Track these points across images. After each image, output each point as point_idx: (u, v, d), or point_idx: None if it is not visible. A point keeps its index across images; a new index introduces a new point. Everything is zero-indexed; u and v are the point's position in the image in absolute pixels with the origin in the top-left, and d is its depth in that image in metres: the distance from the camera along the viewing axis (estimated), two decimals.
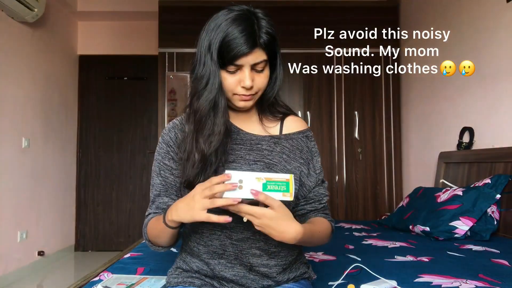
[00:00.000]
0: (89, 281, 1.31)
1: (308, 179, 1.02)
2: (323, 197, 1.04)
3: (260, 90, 0.96)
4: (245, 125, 1.03)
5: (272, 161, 0.97)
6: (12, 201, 3.10)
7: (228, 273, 0.95)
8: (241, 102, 0.96)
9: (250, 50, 0.89)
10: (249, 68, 0.91)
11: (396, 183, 3.49)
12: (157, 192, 1.00)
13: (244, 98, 0.95)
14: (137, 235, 4.19)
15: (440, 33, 2.96)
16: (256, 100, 0.99)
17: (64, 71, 4.00)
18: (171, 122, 1.05)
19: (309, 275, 1.06)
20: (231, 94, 0.95)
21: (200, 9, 3.44)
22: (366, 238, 2.05)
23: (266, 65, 0.94)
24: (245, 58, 0.90)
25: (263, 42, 0.90)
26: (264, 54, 0.92)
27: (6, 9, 2.93)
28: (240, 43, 0.88)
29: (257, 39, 0.89)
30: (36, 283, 3.09)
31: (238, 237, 0.94)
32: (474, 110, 2.55)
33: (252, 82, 0.92)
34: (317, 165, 1.04)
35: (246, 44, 0.88)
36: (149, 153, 4.27)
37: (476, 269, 1.37)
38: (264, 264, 0.95)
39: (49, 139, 3.66)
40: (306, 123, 1.09)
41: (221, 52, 0.90)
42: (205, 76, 0.93)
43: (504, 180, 2.03)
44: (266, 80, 0.96)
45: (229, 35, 0.89)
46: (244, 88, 0.92)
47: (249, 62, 0.90)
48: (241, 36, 0.88)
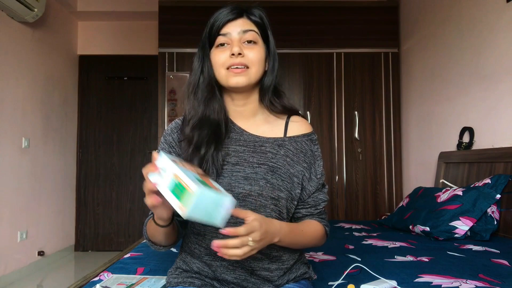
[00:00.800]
0: (89, 281, 1.31)
1: (309, 184, 1.01)
2: (320, 203, 1.03)
3: (253, 65, 0.94)
4: (249, 126, 1.02)
5: (276, 165, 0.96)
6: (12, 201, 3.10)
7: (230, 275, 0.95)
8: (234, 78, 0.93)
9: (235, 16, 0.93)
10: (238, 37, 0.93)
11: (396, 183, 3.49)
12: None
13: (235, 71, 0.93)
14: (137, 235, 4.19)
15: (440, 33, 2.97)
16: (251, 78, 0.95)
17: (64, 71, 4.01)
18: (174, 122, 1.05)
19: (309, 275, 1.06)
20: (223, 71, 0.94)
21: (200, 9, 3.45)
22: (366, 238, 2.05)
23: (258, 39, 0.95)
24: (232, 24, 0.92)
25: (251, 16, 0.94)
26: (254, 26, 0.94)
27: (6, 9, 2.93)
28: (226, 14, 0.93)
29: (243, 12, 0.94)
30: (36, 283, 3.09)
31: None
32: (474, 110, 2.55)
33: (243, 53, 0.92)
34: (319, 170, 1.03)
35: (232, 13, 0.93)
36: (149, 153, 4.27)
37: (476, 269, 1.37)
38: (265, 268, 0.95)
39: (49, 139, 3.66)
40: (310, 125, 1.07)
41: (210, 31, 0.94)
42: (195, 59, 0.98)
43: (504, 180, 2.03)
44: (258, 55, 0.94)
45: (216, 17, 0.94)
46: (234, 56, 0.91)
47: (236, 29, 0.93)
48: (227, 10, 0.94)
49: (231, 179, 0.93)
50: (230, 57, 0.92)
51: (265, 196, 0.93)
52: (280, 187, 0.95)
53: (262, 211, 0.94)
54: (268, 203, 0.94)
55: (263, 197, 0.93)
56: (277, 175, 0.95)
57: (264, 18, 0.97)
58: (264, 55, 0.96)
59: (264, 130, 1.01)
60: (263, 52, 0.96)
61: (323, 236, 1.03)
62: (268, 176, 0.94)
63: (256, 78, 0.96)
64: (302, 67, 3.53)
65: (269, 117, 1.03)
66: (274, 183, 0.94)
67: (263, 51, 0.96)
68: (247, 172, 0.94)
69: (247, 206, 0.93)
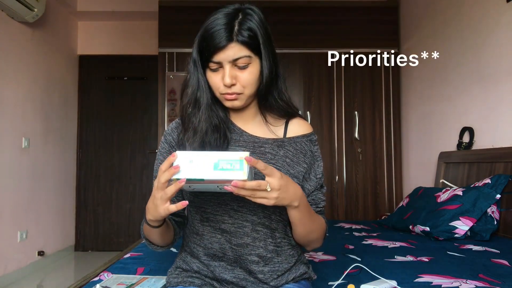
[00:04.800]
0: (89, 281, 1.31)
1: (308, 183, 1.01)
2: (320, 202, 1.03)
3: (246, 88, 0.92)
4: (248, 126, 1.01)
5: (275, 165, 0.96)
6: (12, 201, 3.10)
7: (228, 275, 0.95)
8: (227, 102, 0.93)
9: (225, 44, 0.87)
10: (230, 65, 0.89)
11: (396, 183, 3.49)
12: None
13: (228, 97, 0.92)
14: (137, 235, 4.19)
15: (440, 33, 2.97)
16: (247, 99, 0.95)
17: (64, 71, 4.00)
18: (174, 121, 1.04)
19: (309, 276, 1.05)
20: (218, 94, 0.93)
21: (200, 9, 3.44)
22: (366, 238, 2.05)
23: (251, 60, 0.90)
24: (222, 54, 0.88)
25: (241, 38, 0.87)
26: (245, 49, 0.88)
27: (6, 9, 2.93)
28: (215, 37, 0.87)
29: (233, 34, 0.87)
30: (36, 283, 3.09)
31: (238, 242, 0.94)
32: (474, 110, 2.55)
33: (235, 80, 0.90)
34: (318, 170, 1.03)
35: (221, 39, 0.87)
36: (149, 153, 4.27)
37: (476, 269, 1.37)
38: (260, 270, 0.95)
39: (49, 139, 3.66)
40: (311, 126, 1.07)
41: (201, 49, 0.91)
42: (189, 73, 0.95)
43: (504, 180, 2.03)
44: (251, 77, 0.91)
45: (206, 31, 0.89)
46: (226, 86, 0.90)
47: (227, 58, 0.88)
48: (217, 31, 0.87)
49: None
50: (223, 86, 0.91)
51: None
52: None
53: (261, 212, 0.94)
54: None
55: None
56: None
57: (257, 29, 0.90)
58: (258, 70, 0.93)
59: (264, 131, 1.01)
60: (256, 68, 0.92)
61: (325, 231, 1.03)
62: None
63: (251, 95, 0.95)
64: (302, 67, 3.53)
65: (270, 119, 1.03)
66: None
67: (256, 67, 0.92)
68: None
69: (246, 206, 0.94)
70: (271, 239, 0.96)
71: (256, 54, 0.91)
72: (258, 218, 0.94)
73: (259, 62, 0.92)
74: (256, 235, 0.94)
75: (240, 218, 0.94)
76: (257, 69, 0.92)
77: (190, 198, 0.98)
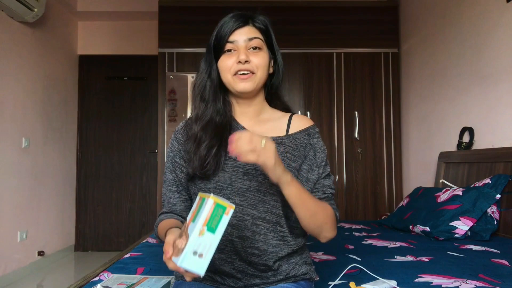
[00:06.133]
0: (89, 281, 1.31)
1: (311, 174, 1.03)
2: (327, 188, 1.03)
3: (259, 70, 0.99)
4: (252, 124, 1.05)
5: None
6: (12, 201, 3.10)
7: (228, 267, 0.97)
8: (240, 83, 0.98)
9: (242, 24, 0.98)
10: (244, 45, 0.98)
11: (396, 183, 3.49)
12: (170, 187, 1.06)
13: (242, 77, 0.98)
14: (137, 235, 4.19)
15: (440, 33, 2.97)
16: (258, 83, 1.00)
17: (64, 71, 4.01)
18: (184, 121, 1.11)
19: (310, 276, 1.06)
20: (231, 77, 0.99)
21: (200, 9, 3.45)
22: (366, 238, 2.05)
23: (263, 45, 1.00)
24: (238, 32, 0.98)
25: (256, 24, 1.00)
26: (259, 33, 1.00)
27: (6, 9, 2.93)
28: (232, 22, 0.98)
29: (249, 20, 1.00)
30: (36, 283, 3.09)
31: (239, 235, 0.96)
32: (474, 110, 2.55)
33: (249, 59, 0.97)
34: (319, 160, 1.04)
35: (238, 22, 0.98)
36: (149, 153, 4.27)
37: (476, 269, 1.37)
38: (261, 263, 0.97)
39: (49, 139, 3.66)
40: (311, 121, 1.11)
41: (217, 39, 0.99)
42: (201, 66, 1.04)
43: (504, 180, 2.03)
44: (263, 61, 0.99)
45: (223, 24, 1.00)
46: (240, 62, 0.97)
47: (243, 37, 0.98)
48: (235, 18, 0.99)
49: (231, 173, 0.97)
50: (237, 63, 0.97)
51: (263, 191, 0.97)
52: None
53: (261, 207, 0.97)
54: (267, 199, 0.98)
55: (261, 193, 0.97)
56: None
57: (268, 25, 1.02)
58: (268, 60, 1.02)
59: (267, 129, 1.05)
60: (267, 57, 1.01)
61: (333, 218, 1.00)
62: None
63: (261, 82, 1.02)
64: (302, 67, 3.53)
65: (273, 116, 1.08)
66: None
67: (267, 56, 1.01)
68: (247, 167, 0.97)
69: (247, 201, 0.97)
70: (273, 234, 0.98)
71: (267, 45, 1.01)
72: (258, 213, 0.97)
73: (268, 54, 1.02)
74: (256, 229, 0.96)
75: (240, 212, 0.96)
76: (267, 58, 1.01)
77: (194, 191, 1.03)
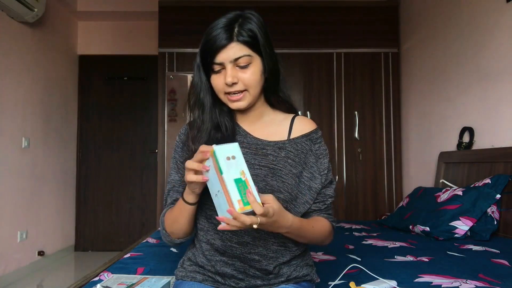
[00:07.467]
0: (89, 281, 1.31)
1: (314, 182, 1.02)
2: (327, 198, 1.05)
3: (249, 88, 0.95)
4: (254, 128, 1.04)
5: (276, 166, 0.98)
6: (12, 201, 3.10)
7: (228, 268, 0.97)
8: (231, 103, 0.97)
9: (226, 44, 0.91)
10: (231, 65, 0.93)
11: (396, 183, 3.49)
12: (176, 188, 1.05)
13: (231, 98, 0.96)
14: (137, 235, 4.19)
15: (440, 33, 2.97)
16: (252, 100, 0.98)
17: (64, 71, 4.00)
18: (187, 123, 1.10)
19: (311, 278, 1.06)
20: (222, 96, 0.97)
21: (200, 9, 3.44)
22: (366, 238, 2.05)
23: (252, 59, 0.94)
24: (224, 54, 0.92)
25: (241, 38, 0.91)
26: (246, 48, 0.92)
27: (6, 9, 2.93)
28: (216, 39, 0.92)
29: (233, 35, 0.91)
30: (36, 283, 3.09)
31: (239, 241, 0.96)
32: (474, 110, 2.55)
33: (236, 79, 0.93)
34: (322, 167, 1.04)
35: (221, 40, 0.91)
36: (149, 153, 4.27)
37: (476, 269, 1.37)
38: (261, 268, 0.97)
39: (49, 139, 3.66)
40: (314, 124, 1.08)
41: (204, 53, 0.95)
42: (195, 77, 1.00)
43: (504, 180, 2.03)
44: (253, 77, 0.94)
45: (208, 35, 0.93)
46: (227, 85, 0.94)
47: (228, 58, 0.92)
48: (218, 34, 0.91)
49: None
50: (225, 85, 0.94)
51: None
52: (280, 189, 0.96)
53: None
54: None
55: None
56: (277, 176, 0.97)
57: (257, 31, 0.94)
58: (260, 70, 0.96)
59: (269, 132, 1.04)
60: (258, 69, 0.95)
61: (331, 232, 1.05)
62: (268, 178, 0.96)
63: (255, 95, 0.98)
64: (302, 67, 3.53)
65: (275, 119, 1.07)
66: (273, 185, 0.96)
67: (258, 66, 0.95)
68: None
69: None
70: (273, 239, 0.98)
71: (257, 53, 0.95)
72: None
73: (260, 62, 0.96)
74: (256, 234, 0.96)
75: None
76: (259, 68, 0.96)
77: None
